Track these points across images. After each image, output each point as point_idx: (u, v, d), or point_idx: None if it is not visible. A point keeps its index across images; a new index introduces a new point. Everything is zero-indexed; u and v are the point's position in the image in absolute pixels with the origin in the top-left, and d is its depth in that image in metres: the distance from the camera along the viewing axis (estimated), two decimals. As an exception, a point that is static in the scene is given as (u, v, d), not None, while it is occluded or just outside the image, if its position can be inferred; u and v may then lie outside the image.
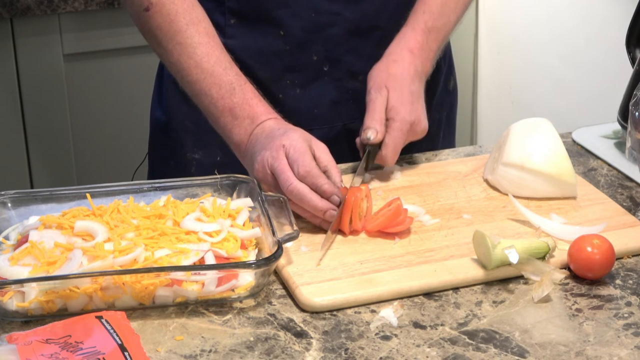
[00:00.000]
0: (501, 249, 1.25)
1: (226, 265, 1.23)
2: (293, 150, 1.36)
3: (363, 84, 1.57)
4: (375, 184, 1.49)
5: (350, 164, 1.57)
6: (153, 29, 1.49)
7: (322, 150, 1.39)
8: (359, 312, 1.22)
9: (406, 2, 1.60)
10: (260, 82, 1.54)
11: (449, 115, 1.78)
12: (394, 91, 1.49)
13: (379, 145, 1.48)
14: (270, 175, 1.37)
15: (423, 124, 1.50)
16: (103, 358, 1.08)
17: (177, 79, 1.51)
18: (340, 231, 1.36)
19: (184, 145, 1.65)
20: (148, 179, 1.76)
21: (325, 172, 1.36)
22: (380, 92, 1.49)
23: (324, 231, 1.36)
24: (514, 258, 1.25)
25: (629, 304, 1.24)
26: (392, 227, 1.35)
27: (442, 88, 1.73)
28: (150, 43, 1.52)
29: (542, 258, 1.28)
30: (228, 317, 1.21)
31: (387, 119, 1.48)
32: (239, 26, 1.57)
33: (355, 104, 1.59)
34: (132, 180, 1.70)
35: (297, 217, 1.37)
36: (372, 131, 1.46)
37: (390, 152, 1.46)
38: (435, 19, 1.55)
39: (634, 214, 1.42)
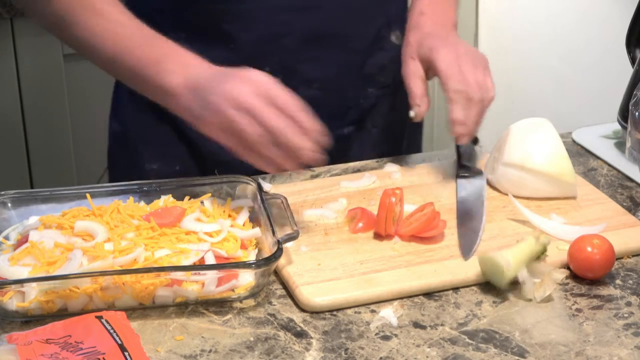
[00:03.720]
0: (513, 273, 1.24)
1: (226, 265, 1.23)
2: (268, 86, 1.28)
3: (318, 92, 1.54)
4: (375, 184, 1.49)
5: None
6: (57, 9, 1.39)
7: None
8: (359, 312, 1.22)
9: (360, 8, 1.57)
10: None
11: None
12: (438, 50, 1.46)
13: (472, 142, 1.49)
14: (237, 113, 1.27)
15: (480, 54, 1.49)
16: (103, 358, 1.08)
17: (93, 57, 1.41)
18: (376, 234, 1.36)
19: (142, 156, 1.62)
20: None
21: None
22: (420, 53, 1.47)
23: (324, 232, 1.36)
24: (526, 281, 1.24)
25: (629, 304, 1.24)
26: (426, 232, 1.34)
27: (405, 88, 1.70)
28: (56, 29, 1.43)
29: (537, 258, 1.28)
30: (228, 317, 1.21)
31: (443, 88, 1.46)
32: (190, 40, 1.49)
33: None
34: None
35: (297, 217, 1.37)
36: (414, 109, 1.44)
37: (466, 123, 1.44)
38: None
39: (634, 214, 1.42)
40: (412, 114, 1.45)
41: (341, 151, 1.50)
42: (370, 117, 1.58)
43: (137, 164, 1.62)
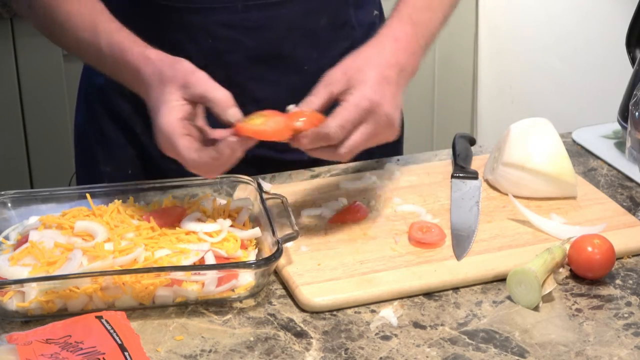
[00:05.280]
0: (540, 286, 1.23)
1: (226, 265, 1.23)
2: (165, 140, 1.25)
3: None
4: (375, 184, 1.49)
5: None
6: (41, 20, 1.41)
7: (196, 84, 1.26)
8: (359, 312, 1.22)
9: (312, 33, 1.53)
10: None
11: None
12: (360, 71, 1.28)
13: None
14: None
15: (391, 114, 1.27)
16: (103, 358, 1.08)
17: (88, 63, 1.42)
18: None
19: (96, 158, 1.61)
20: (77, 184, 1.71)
21: (206, 102, 1.27)
22: (336, 76, 1.28)
23: (324, 232, 1.36)
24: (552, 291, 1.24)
25: (629, 304, 1.24)
26: (427, 242, 1.33)
27: None
28: (48, 38, 1.44)
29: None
30: (228, 317, 1.21)
31: (341, 100, 1.27)
32: None
33: None
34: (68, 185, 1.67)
35: (298, 217, 1.37)
36: (293, 105, 1.27)
37: (333, 127, 1.24)
38: (421, 13, 1.39)
39: (634, 214, 1.42)
40: (290, 106, 1.29)
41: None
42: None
43: (92, 165, 1.62)
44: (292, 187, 1.48)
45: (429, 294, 1.26)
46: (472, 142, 1.59)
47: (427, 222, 1.37)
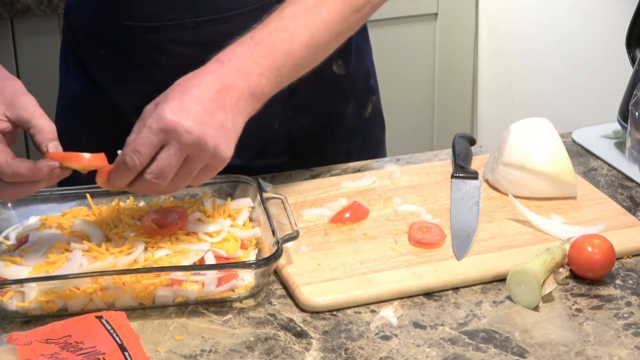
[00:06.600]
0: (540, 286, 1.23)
1: (226, 265, 1.23)
2: None
3: None
4: (375, 184, 1.49)
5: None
6: None
7: (24, 107, 1.28)
8: (359, 312, 1.22)
9: None
10: (125, 114, 1.51)
11: (366, 143, 1.69)
12: (164, 96, 1.22)
13: None
14: None
15: (198, 134, 1.18)
16: (103, 358, 1.08)
17: None
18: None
19: None
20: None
21: (29, 128, 1.27)
22: (148, 107, 1.23)
23: (324, 232, 1.36)
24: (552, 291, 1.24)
25: (629, 304, 1.24)
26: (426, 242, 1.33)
27: (353, 117, 1.65)
28: None
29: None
30: (228, 317, 1.21)
31: None
32: (112, 60, 1.54)
33: None
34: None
35: (298, 217, 1.37)
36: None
37: (127, 154, 1.19)
38: (269, 33, 1.29)
39: (634, 214, 1.42)
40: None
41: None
42: (307, 146, 1.55)
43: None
44: (292, 187, 1.48)
45: (429, 294, 1.26)
46: (472, 142, 1.59)
47: (427, 222, 1.37)
